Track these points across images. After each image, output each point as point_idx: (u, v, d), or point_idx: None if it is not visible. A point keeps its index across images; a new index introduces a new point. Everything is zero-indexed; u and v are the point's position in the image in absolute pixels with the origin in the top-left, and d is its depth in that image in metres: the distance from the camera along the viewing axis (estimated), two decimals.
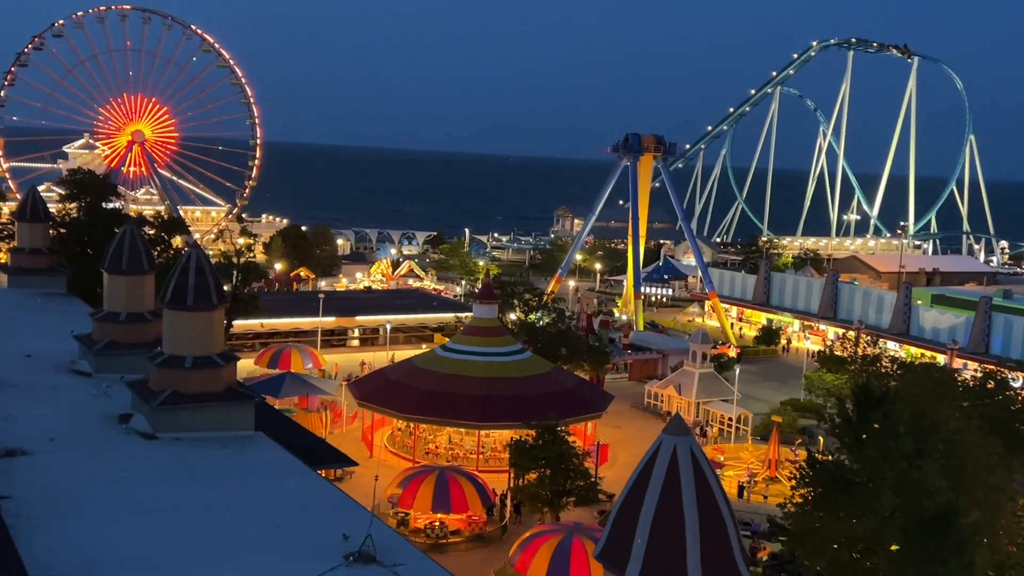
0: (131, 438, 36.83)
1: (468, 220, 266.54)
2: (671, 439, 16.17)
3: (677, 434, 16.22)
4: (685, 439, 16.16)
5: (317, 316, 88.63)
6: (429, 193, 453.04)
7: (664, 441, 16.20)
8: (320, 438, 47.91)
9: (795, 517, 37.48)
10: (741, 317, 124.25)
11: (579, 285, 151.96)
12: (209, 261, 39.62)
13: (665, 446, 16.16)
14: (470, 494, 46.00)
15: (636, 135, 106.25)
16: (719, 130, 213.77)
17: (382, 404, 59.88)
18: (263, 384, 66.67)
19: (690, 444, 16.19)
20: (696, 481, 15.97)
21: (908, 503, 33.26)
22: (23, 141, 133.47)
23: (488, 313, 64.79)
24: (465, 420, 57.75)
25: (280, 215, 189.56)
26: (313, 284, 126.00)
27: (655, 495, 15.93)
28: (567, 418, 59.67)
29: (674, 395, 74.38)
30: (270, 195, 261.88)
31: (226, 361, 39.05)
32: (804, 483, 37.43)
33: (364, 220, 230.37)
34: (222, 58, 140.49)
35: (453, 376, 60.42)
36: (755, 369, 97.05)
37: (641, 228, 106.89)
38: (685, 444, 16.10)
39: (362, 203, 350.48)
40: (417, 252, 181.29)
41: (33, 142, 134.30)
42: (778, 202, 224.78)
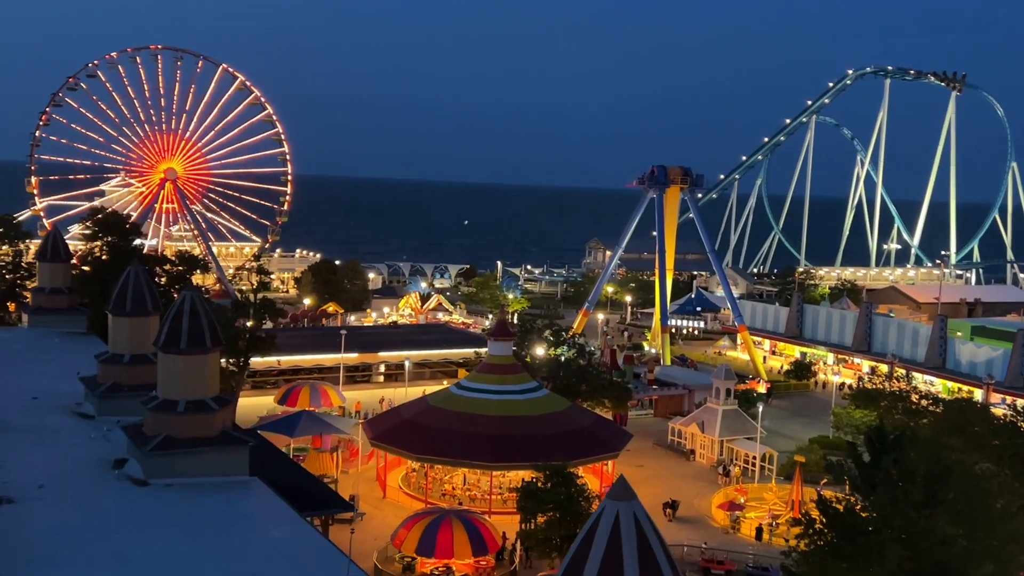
0: (122, 484, 36.34)
1: (504, 252, 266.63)
2: (614, 504, 15.20)
3: (620, 499, 15.25)
4: (629, 504, 15.18)
5: (340, 352, 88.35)
6: (467, 225, 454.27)
7: (607, 507, 15.23)
8: (322, 482, 47.35)
9: (803, 564, 35.98)
10: (774, 350, 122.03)
11: (609, 317, 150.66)
12: (204, 304, 39.20)
13: (607, 512, 15.19)
14: (459, 540, 44.85)
15: (662, 167, 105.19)
16: (753, 159, 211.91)
17: (394, 444, 59.04)
18: (279, 423, 66.31)
19: (634, 510, 15.20)
20: (639, 548, 14.99)
21: (918, 554, 31.66)
22: (58, 180, 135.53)
23: (503, 350, 63.84)
24: (478, 460, 56.70)
25: (314, 250, 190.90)
26: (342, 319, 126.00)
27: (596, 564, 14.96)
28: (582, 458, 58.52)
29: (697, 433, 72.69)
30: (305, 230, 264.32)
31: (221, 405, 38.53)
32: (812, 529, 35.94)
33: (399, 253, 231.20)
34: (254, 95, 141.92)
35: (466, 415, 59.47)
36: (785, 404, 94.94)
37: (669, 260, 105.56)
38: (628, 509, 15.13)
39: (398, 236, 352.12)
40: (449, 285, 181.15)
41: (68, 181, 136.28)
42: (816, 231, 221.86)
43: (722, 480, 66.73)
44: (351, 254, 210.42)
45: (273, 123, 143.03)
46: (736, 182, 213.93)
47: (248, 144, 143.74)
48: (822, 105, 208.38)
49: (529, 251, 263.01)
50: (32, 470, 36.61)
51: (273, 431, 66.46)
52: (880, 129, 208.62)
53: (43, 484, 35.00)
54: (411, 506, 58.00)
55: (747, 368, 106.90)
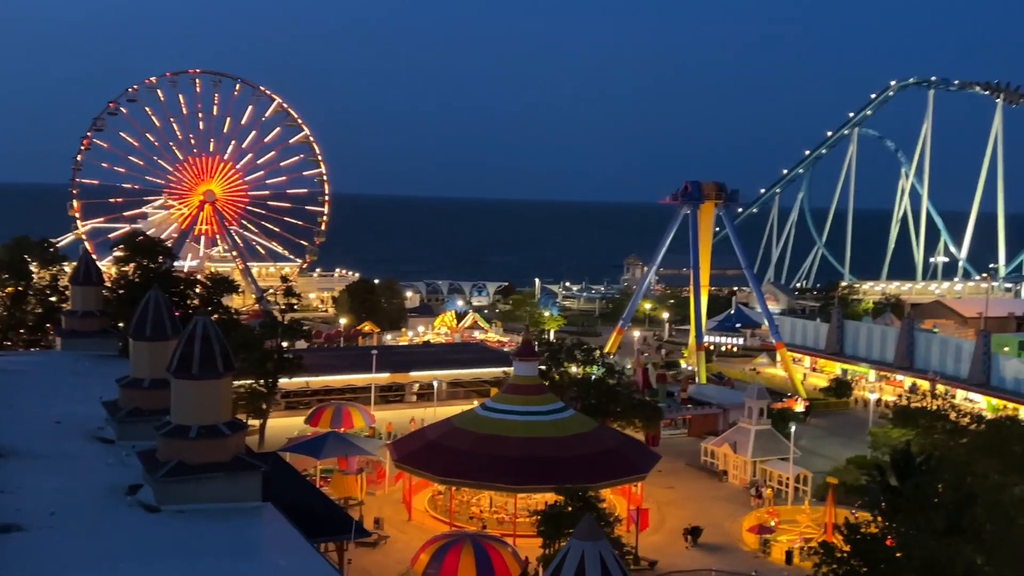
0: (134, 511, 36.22)
1: (544, 269, 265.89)
2: (579, 545, 14.57)
3: (587, 539, 14.61)
4: (595, 545, 14.53)
5: (372, 372, 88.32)
6: (509, 242, 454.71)
7: (572, 547, 14.61)
8: (339, 506, 47.00)
9: None
10: (815, 367, 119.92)
11: (645, 334, 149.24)
12: (216, 329, 39.08)
13: (573, 552, 14.56)
14: (464, 565, 44.14)
15: (696, 183, 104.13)
16: (795, 173, 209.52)
17: (418, 466, 58.61)
18: (306, 445, 66.23)
19: (600, 550, 14.54)
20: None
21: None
22: (99, 203, 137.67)
23: (528, 370, 63.20)
24: (502, 483, 56.05)
25: (354, 269, 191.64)
26: (378, 338, 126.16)
27: None
28: (608, 480, 57.65)
29: (729, 453, 71.38)
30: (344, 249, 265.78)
31: (233, 430, 38.34)
32: (833, 555, 34.88)
33: (439, 271, 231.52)
34: (290, 117, 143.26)
35: (491, 436, 58.89)
36: (824, 423, 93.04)
37: (704, 277, 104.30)
38: (594, 550, 14.47)
39: (439, 254, 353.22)
40: (487, 303, 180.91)
41: (108, 204, 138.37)
42: (860, 245, 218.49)
43: (754, 502, 65.34)
44: (391, 272, 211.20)
45: (310, 144, 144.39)
46: (777, 196, 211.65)
47: (285, 165, 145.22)
48: (864, 117, 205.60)
49: (569, 268, 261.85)
50: (45, 497, 36.63)
51: (300, 452, 66.46)
52: (924, 140, 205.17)
53: (55, 511, 35.08)
54: (436, 529, 57.44)
55: (786, 386, 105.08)
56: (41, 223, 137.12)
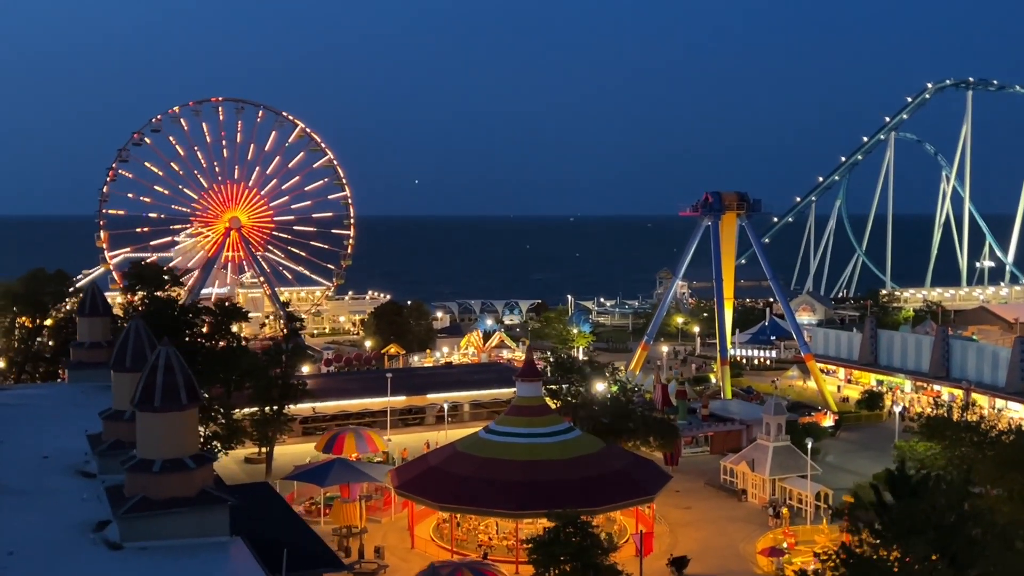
0: (97, 549, 35.24)
1: (582, 285, 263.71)
2: None
3: None
4: None
5: (387, 396, 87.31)
6: (547, 259, 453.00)
7: None
8: (318, 538, 45.47)
9: None
10: (849, 379, 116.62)
11: (678, 349, 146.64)
12: (180, 359, 38.08)
13: None
14: None
15: (717, 193, 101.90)
16: (831, 180, 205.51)
17: (417, 492, 57.16)
18: (311, 472, 65.15)
19: None
20: None
21: None
22: (126, 234, 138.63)
23: (531, 391, 61.56)
24: (502, 509, 54.38)
25: (386, 291, 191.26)
26: (404, 360, 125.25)
27: None
28: (613, 503, 55.79)
29: (747, 472, 68.97)
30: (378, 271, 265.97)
31: (199, 464, 37.21)
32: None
33: (475, 292, 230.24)
34: (314, 141, 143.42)
35: (493, 460, 57.28)
36: (854, 437, 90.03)
37: (727, 289, 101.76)
38: None
39: (478, 274, 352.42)
40: (519, 322, 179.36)
41: (135, 234, 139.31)
42: (902, 252, 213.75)
43: (772, 522, 62.88)
44: (426, 294, 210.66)
45: (334, 167, 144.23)
46: (813, 204, 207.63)
47: (310, 189, 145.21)
48: (901, 121, 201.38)
49: (612, 283, 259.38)
50: (13, 534, 35.81)
51: (305, 480, 65.49)
52: (964, 142, 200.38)
53: (13, 551, 34.21)
54: (438, 557, 55.95)
55: (819, 399, 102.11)
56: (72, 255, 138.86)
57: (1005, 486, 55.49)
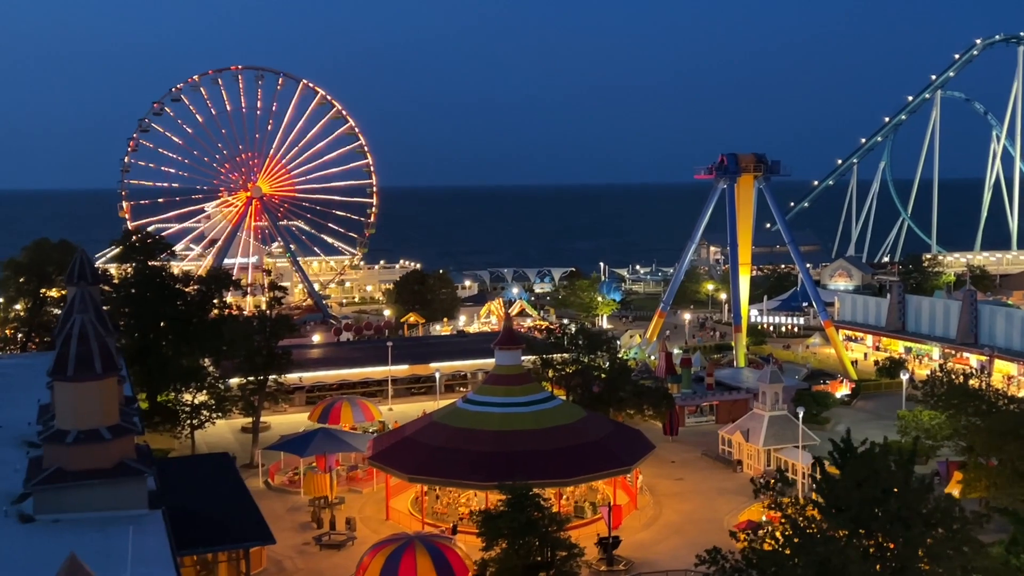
0: (6, 522, 34.52)
1: (623, 253, 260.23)
2: None
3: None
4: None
5: (388, 365, 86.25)
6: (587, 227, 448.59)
7: None
8: (257, 513, 44.32)
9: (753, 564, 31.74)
10: (878, 346, 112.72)
11: (706, 315, 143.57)
12: (96, 328, 36.92)
13: None
14: (423, 568, 41.04)
15: (733, 155, 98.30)
16: (873, 142, 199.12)
17: (388, 463, 55.79)
18: (292, 442, 64.23)
19: None
20: None
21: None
22: (148, 204, 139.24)
23: (509, 359, 59.64)
24: (468, 480, 52.79)
25: (418, 260, 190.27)
26: (423, 329, 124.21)
27: None
28: (586, 474, 53.91)
29: (743, 442, 66.53)
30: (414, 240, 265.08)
31: (116, 435, 36.14)
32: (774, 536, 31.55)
33: (512, 261, 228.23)
34: (335, 110, 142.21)
35: (465, 431, 55.68)
36: (871, 406, 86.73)
37: (744, 255, 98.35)
38: None
39: (519, 243, 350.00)
40: (550, 290, 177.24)
41: (158, 204, 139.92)
42: (950, 215, 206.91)
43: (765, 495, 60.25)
44: (459, 263, 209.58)
45: (356, 136, 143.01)
46: (855, 167, 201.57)
47: (332, 158, 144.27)
48: (947, 79, 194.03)
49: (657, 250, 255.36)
50: None
51: (286, 450, 64.61)
52: (1015, 101, 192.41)
53: None
54: (412, 529, 54.67)
55: (839, 367, 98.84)
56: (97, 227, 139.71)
57: (1003, 457, 52.63)
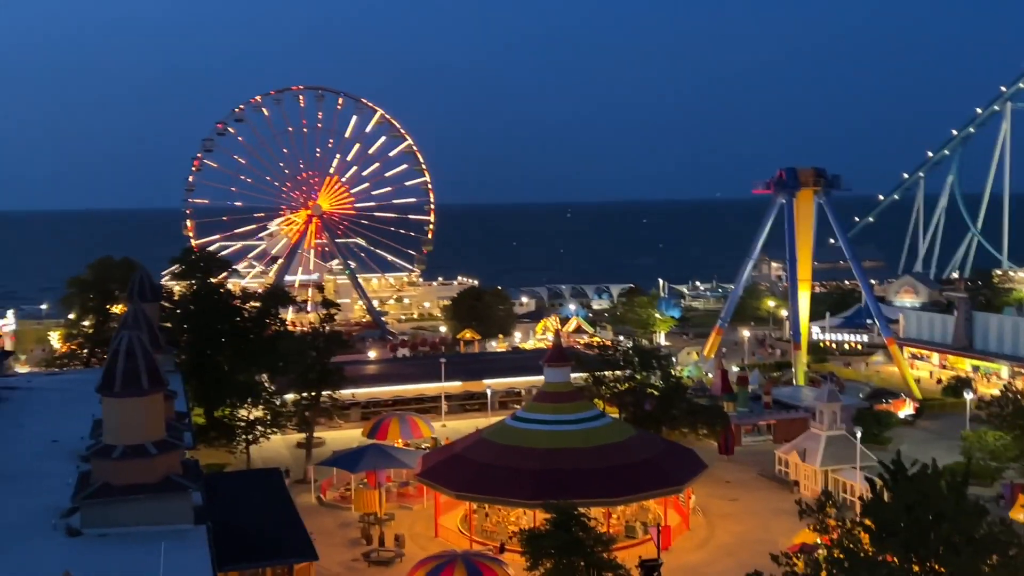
0: (54, 535, 35.05)
1: (685, 269, 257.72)
2: None
3: None
4: None
5: (442, 381, 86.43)
6: (650, 243, 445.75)
7: None
8: (300, 529, 44.36)
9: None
10: (944, 364, 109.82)
11: (766, 333, 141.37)
12: (143, 345, 37.43)
13: None
14: None
15: (792, 169, 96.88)
16: (941, 155, 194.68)
17: (435, 479, 55.74)
18: (343, 458, 64.61)
19: None
20: None
21: None
22: (211, 222, 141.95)
23: (558, 377, 59.26)
24: (516, 498, 52.45)
25: (477, 277, 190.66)
26: (479, 346, 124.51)
27: None
28: (631, 494, 53.19)
29: (799, 462, 65.12)
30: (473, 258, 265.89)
31: (162, 450, 36.55)
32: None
33: (573, 277, 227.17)
34: (393, 128, 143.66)
35: (513, 448, 55.39)
36: (935, 426, 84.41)
37: (803, 271, 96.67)
38: None
39: (580, 260, 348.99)
40: (608, 306, 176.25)
41: (221, 223, 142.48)
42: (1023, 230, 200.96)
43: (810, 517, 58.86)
44: (519, 280, 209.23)
45: (413, 154, 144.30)
46: (921, 181, 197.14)
47: (390, 176, 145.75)
48: (1018, 90, 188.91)
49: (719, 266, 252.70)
50: None
51: (337, 466, 65.00)
52: None
53: None
54: (460, 547, 54.52)
55: (902, 385, 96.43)
56: (163, 245, 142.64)
57: None
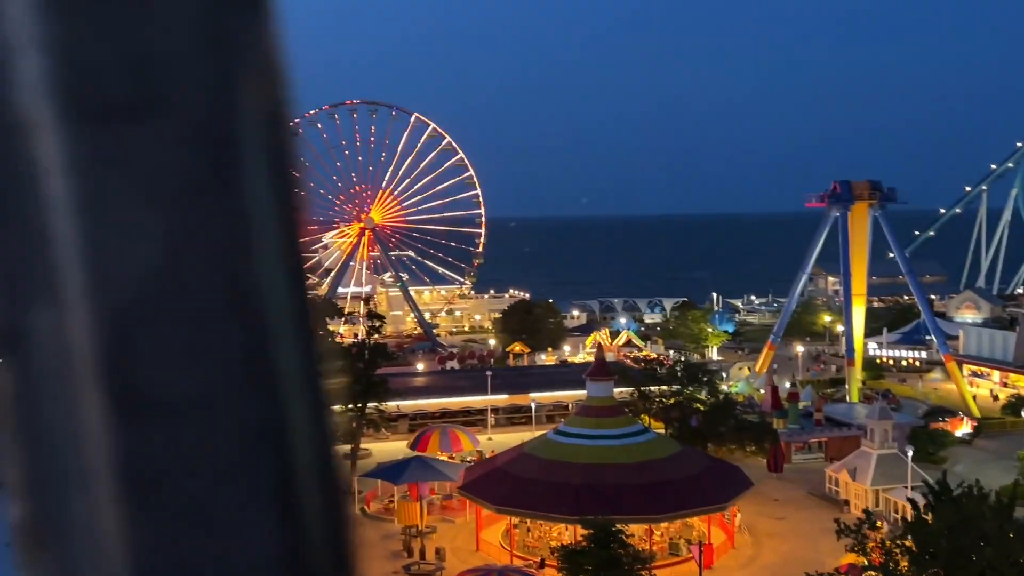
0: None
1: (742, 283, 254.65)
2: None
3: None
4: None
5: (488, 394, 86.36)
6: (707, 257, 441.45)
7: None
8: None
9: None
10: (1005, 382, 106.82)
11: (822, 348, 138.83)
12: None
13: None
14: None
15: (846, 182, 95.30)
16: (1004, 168, 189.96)
17: (475, 493, 55.56)
18: (387, 470, 64.70)
19: None
20: None
21: None
22: None
23: (601, 391, 58.76)
24: (556, 513, 52.02)
25: (529, 291, 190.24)
26: (528, 359, 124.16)
27: None
28: (674, 511, 52.43)
29: (849, 481, 63.67)
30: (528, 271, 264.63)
31: None
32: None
33: (625, 291, 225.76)
34: (446, 141, 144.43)
35: (555, 463, 54.93)
36: (993, 446, 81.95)
37: (858, 286, 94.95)
38: None
39: (635, 274, 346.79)
40: (660, 320, 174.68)
41: None
42: None
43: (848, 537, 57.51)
44: (569, 293, 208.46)
45: (465, 167, 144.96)
46: (984, 194, 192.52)
47: (441, 189, 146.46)
48: None
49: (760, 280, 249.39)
50: None
51: (380, 478, 65.08)
52: None
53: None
54: (501, 561, 54.32)
55: (960, 403, 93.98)
56: None
57: None
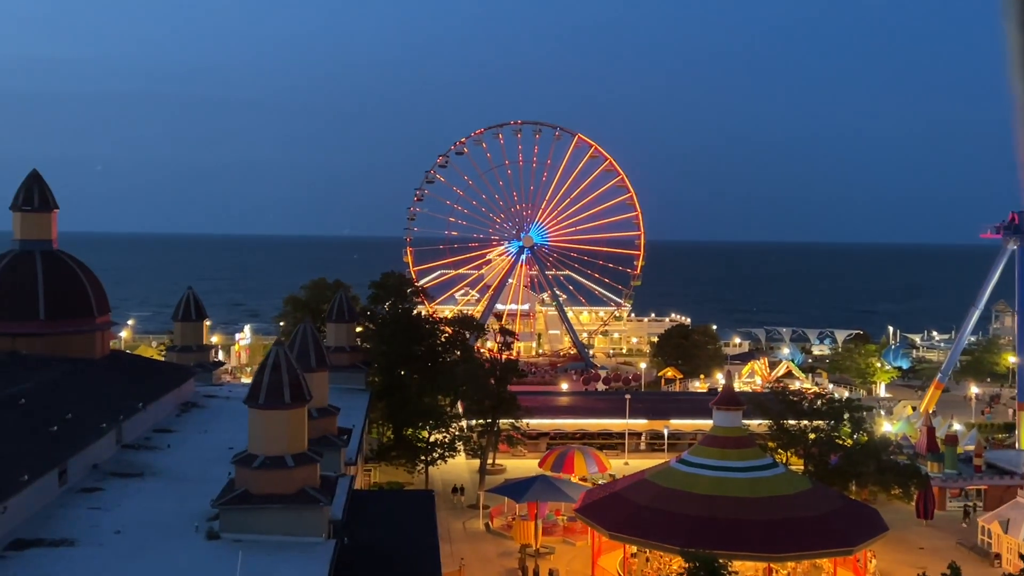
0: (194, 537, 36.93)
1: (930, 316, 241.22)
2: None
3: None
4: None
5: (626, 418, 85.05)
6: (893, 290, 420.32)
7: None
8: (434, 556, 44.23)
9: None
10: None
11: (999, 391, 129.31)
12: (289, 359, 38.99)
13: None
14: None
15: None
16: None
17: (591, 516, 54.55)
18: (512, 487, 64.77)
19: None
20: None
21: None
22: (429, 251, 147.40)
23: (728, 421, 56.52)
24: (669, 543, 50.33)
25: (689, 315, 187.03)
26: (680, 384, 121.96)
27: None
28: (794, 551, 49.78)
29: (1001, 533, 58.76)
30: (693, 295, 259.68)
31: (299, 463, 37.91)
32: None
33: (793, 319, 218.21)
34: (607, 162, 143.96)
35: (673, 492, 53.31)
36: None
37: None
38: None
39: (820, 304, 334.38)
40: (829, 352, 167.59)
41: (438, 251, 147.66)
42: None
43: None
44: (736, 321, 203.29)
45: (625, 188, 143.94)
46: None
47: (601, 209, 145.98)
48: None
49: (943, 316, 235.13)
50: (136, 516, 38.57)
51: (503, 494, 65.19)
52: None
53: (120, 531, 36.72)
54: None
55: None
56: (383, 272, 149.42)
57: None
